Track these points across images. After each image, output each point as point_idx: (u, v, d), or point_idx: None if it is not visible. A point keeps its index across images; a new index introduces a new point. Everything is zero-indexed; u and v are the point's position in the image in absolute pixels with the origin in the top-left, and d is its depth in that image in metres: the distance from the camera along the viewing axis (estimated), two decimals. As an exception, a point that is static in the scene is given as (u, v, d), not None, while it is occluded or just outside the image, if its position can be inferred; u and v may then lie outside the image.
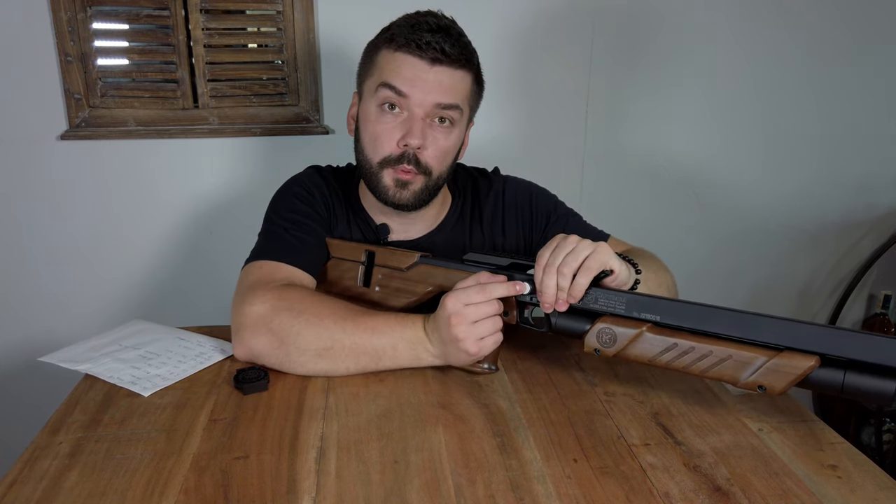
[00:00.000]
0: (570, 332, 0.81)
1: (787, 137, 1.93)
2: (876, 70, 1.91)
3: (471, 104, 1.00)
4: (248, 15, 1.65)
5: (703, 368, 0.73)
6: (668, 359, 0.74)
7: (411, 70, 0.92)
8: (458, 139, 1.00)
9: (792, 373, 0.68)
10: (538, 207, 1.11)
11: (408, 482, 0.65)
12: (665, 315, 0.75)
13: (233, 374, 0.85)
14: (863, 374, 0.65)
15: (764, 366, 0.69)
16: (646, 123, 1.85)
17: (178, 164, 1.67)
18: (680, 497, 0.64)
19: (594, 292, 0.79)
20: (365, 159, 0.99)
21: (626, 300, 0.77)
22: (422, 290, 0.93)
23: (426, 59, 0.92)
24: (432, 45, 0.91)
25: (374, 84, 0.96)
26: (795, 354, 0.68)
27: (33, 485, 0.65)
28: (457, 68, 0.94)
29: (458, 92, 0.95)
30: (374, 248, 0.97)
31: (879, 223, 2.05)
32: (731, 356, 0.71)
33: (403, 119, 0.94)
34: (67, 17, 1.53)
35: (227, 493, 0.64)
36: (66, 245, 1.67)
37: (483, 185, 1.12)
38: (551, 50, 1.74)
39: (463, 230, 1.10)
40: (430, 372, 0.89)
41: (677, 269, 1.08)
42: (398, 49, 0.93)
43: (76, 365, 0.87)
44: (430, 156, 0.96)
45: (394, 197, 0.97)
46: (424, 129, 0.94)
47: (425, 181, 0.98)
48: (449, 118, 0.96)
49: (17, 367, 1.72)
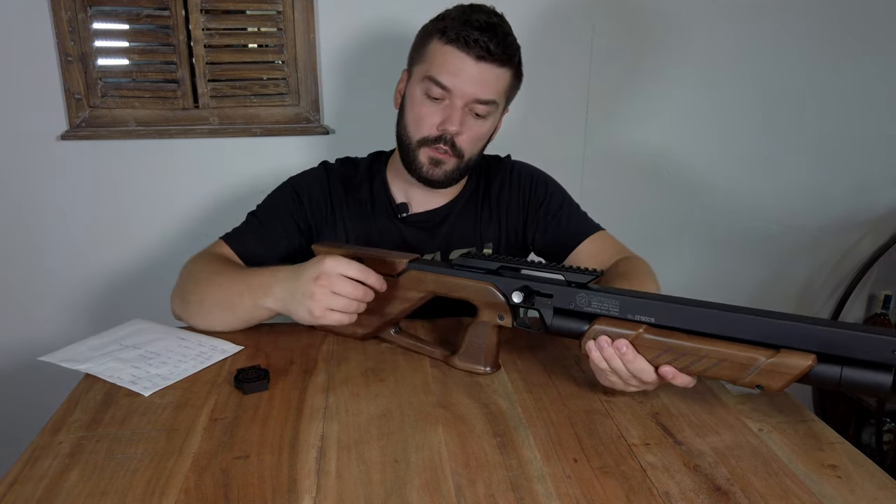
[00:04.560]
0: (567, 333, 0.81)
1: (787, 138, 1.93)
2: (876, 70, 1.91)
3: (507, 97, 1.09)
4: (249, 15, 1.65)
5: (702, 369, 0.73)
6: (666, 360, 0.74)
7: (457, 64, 1.01)
8: (492, 127, 1.10)
9: (790, 372, 0.68)
10: (536, 189, 1.19)
11: (408, 482, 0.65)
12: (659, 317, 0.75)
13: (233, 373, 0.85)
14: (860, 368, 0.66)
15: (762, 366, 0.69)
16: (646, 123, 1.85)
17: (178, 165, 1.67)
18: (680, 497, 0.64)
19: (587, 294, 0.79)
20: (406, 134, 1.08)
21: (619, 302, 0.77)
22: (414, 296, 0.91)
23: (472, 56, 1.00)
24: (480, 42, 0.99)
25: (422, 72, 1.04)
26: (792, 353, 0.68)
27: (34, 484, 0.65)
28: (499, 66, 1.02)
29: (497, 88, 1.04)
30: (361, 253, 0.93)
31: (879, 223, 2.05)
32: (728, 358, 0.71)
33: (444, 106, 1.03)
34: (68, 17, 1.53)
35: (228, 492, 0.64)
36: (66, 245, 1.67)
37: (494, 166, 1.21)
38: (551, 50, 1.74)
39: (475, 205, 1.18)
40: (431, 372, 0.89)
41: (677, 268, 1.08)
42: (448, 42, 1.01)
43: (76, 364, 0.87)
44: (464, 140, 1.05)
45: (427, 174, 1.07)
46: (462, 117, 1.03)
47: (457, 163, 1.07)
48: (484, 112, 1.04)
49: (17, 367, 1.72)
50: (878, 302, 2.08)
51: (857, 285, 2.08)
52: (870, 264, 2.06)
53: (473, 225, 1.17)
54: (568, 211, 1.17)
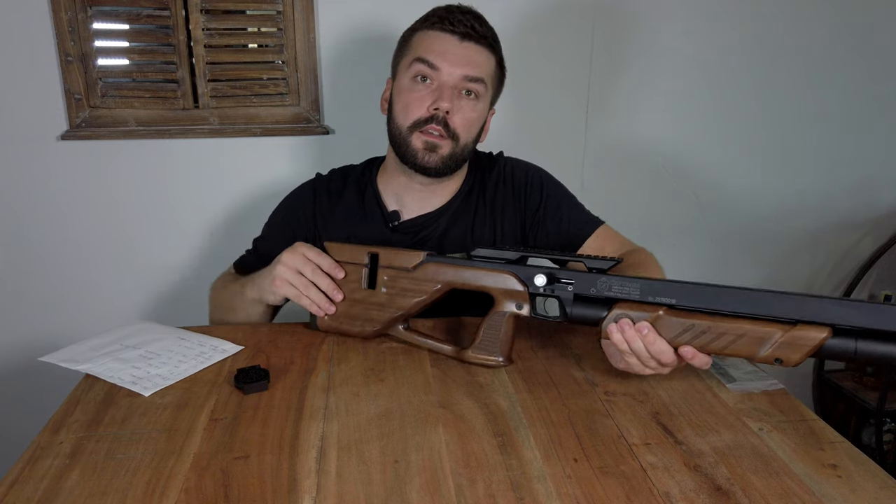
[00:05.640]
0: (587, 321, 0.83)
1: (787, 137, 1.93)
2: (876, 71, 1.91)
3: (494, 84, 1.10)
4: (249, 15, 1.65)
5: (721, 346, 0.75)
6: (686, 340, 0.76)
7: (443, 45, 1.03)
8: (483, 114, 1.09)
9: (807, 345, 0.71)
10: (533, 187, 1.17)
11: (408, 482, 0.65)
12: (680, 298, 0.77)
13: (233, 373, 0.85)
14: (874, 340, 0.69)
15: (780, 340, 0.72)
16: (646, 123, 1.85)
17: (178, 165, 1.67)
18: (680, 497, 0.64)
19: (608, 279, 0.81)
20: (396, 127, 1.08)
21: (640, 285, 0.79)
22: (430, 288, 0.92)
23: (457, 35, 1.03)
24: (463, 22, 1.03)
25: (408, 61, 1.06)
26: (808, 327, 0.71)
27: (34, 484, 0.65)
28: (483, 46, 1.04)
29: (484, 68, 1.05)
30: (377, 250, 0.95)
31: (879, 223, 2.06)
32: (747, 333, 0.73)
33: (434, 87, 1.04)
34: (68, 17, 1.53)
35: (228, 492, 0.64)
36: (66, 245, 1.67)
37: (488, 164, 1.20)
38: (551, 49, 1.75)
39: (469, 205, 1.16)
40: (431, 371, 0.89)
41: (677, 268, 1.08)
42: (432, 27, 1.04)
43: (77, 365, 0.87)
44: (457, 122, 1.05)
45: (422, 160, 1.06)
46: (453, 97, 1.04)
47: (452, 147, 1.06)
48: (475, 91, 1.05)
49: (17, 367, 1.72)
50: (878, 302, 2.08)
51: (857, 285, 2.08)
52: (870, 264, 2.07)
53: (465, 230, 1.15)
54: (568, 209, 1.16)
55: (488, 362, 0.89)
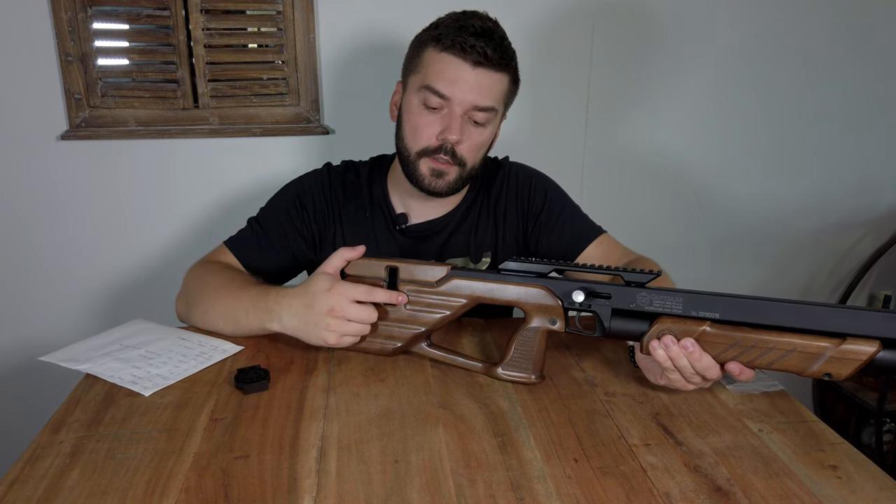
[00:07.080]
0: (627, 336, 0.80)
1: (787, 138, 1.93)
2: (876, 71, 1.91)
3: (505, 102, 1.07)
4: (249, 15, 1.65)
5: (769, 361, 0.73)
6: (732, 355, 0.74)
7: (454, 71, 0.99)
8: (492, 134, 1.08)
9: (858, 359, 0.70)
10: (536, 192, 1.16)
11: (408, 482, 0.65)
12: (724, 311, 0.75)
13: (234, 373, 0.85)
14: None
15: (830, 355, 0.70)
16: (646, 123, 1.85)
17: (178, 165, 1.67)
18: (680, 497, 0.64)
19: (648, 294, 0.78)
20: (404, 146, 1.06)
21: (682, 299, 0.76)
22: (456, 303, 0.87)
23: (469, 62, 0.98)
24: (476, 48, 0.97)
25: (418, 82, 1.02)
26: (858, 341, 0.70)
27: (34, 484, 0.65)
28: (496, 71, 1.00)
29: (495, 94, 1.02)
30: (396, 264, 0.89)
31: (879, 223, 2.06)
32: (797, 348, 0.72)
33: (443, 115, 1.01)
34: (68, 17, 1.53)
35: (228, 492, 0.64)
36: (66, 245, 1.67)
37: (493, 169, 1.19)
38: (551, 50, 1.75)
39: (474, 212, 1.16)
40: (431, 372, 0.89)
41: (677, 269, 1.08)
42: (444, 50, 0.99)
43: (77, 364, 0.87)
44: (465, 149, 1.03)
45: (429, 185, 1.05)
46: (462, 125, 1.01)
47: (459, 172, 1.05)
48: (484, 119, 1.02)
49: (17, 367, 1.72)
50: (878, 302, 2.08)
51: (857, 285, 2.08)
52: (870, 264, 2.07)
53: (469, 235, 1.15)
54: (569, 216, 1.15)
55: (520, 380, 0.85)
